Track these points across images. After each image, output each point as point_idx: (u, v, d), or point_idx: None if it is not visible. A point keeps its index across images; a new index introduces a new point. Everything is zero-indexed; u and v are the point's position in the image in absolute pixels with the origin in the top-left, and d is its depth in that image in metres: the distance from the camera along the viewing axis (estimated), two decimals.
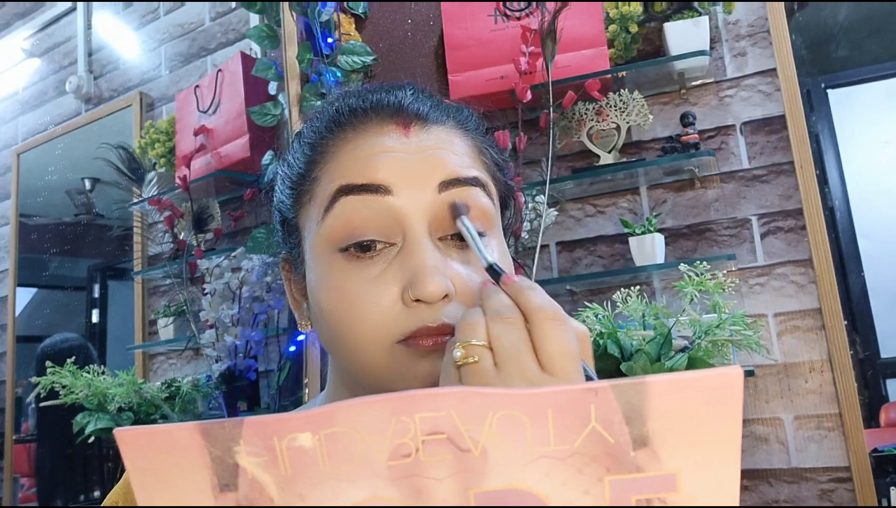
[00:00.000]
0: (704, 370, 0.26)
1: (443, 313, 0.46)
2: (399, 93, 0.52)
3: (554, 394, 0.26)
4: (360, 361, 0.48)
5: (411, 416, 0.27)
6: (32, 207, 2.88)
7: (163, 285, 2.34)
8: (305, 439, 0.27)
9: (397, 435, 0.27)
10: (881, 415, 1.81)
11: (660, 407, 0.26)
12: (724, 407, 0.26)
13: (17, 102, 3.01)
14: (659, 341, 1.17)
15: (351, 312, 0.47)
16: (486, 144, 0.55)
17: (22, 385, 2.73)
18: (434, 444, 0.27)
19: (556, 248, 1.75)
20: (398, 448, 0.27)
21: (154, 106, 2.49)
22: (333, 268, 0.48)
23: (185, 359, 2.25)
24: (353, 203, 0.47)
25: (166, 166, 2.21)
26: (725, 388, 0.26)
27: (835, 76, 1.98)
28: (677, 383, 0.26)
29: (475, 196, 0.49)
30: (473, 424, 0.27)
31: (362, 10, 1.87)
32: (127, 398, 1.76)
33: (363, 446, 0.27)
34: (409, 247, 0.47)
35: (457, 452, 0.27)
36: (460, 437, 0.27)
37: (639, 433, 0.26)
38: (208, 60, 2.37)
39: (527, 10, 1.67)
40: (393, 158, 0.48)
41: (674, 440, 0.26)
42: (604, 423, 0.26)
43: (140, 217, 2.31)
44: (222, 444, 0.27)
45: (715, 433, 0.26)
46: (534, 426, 0.27)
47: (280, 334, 1.84)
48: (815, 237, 1.50)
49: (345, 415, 0.27)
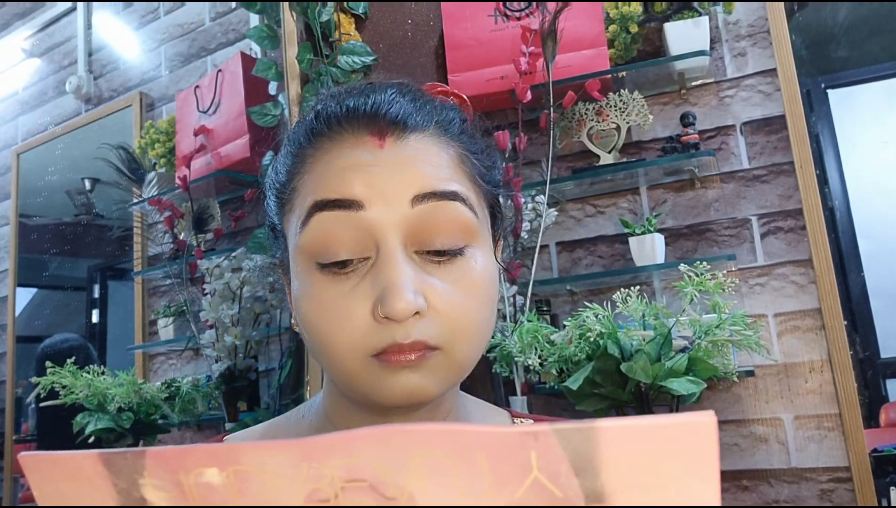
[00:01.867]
0: (668, 416, 0.22)
1: (415, 329, 0.45)
2: (378, 97, 0.51)
3: (484, 435, 0.23)
4: (339, 371, 0.48)
5: (324, 462, 0.24)
6: (32, 207, 2.88)
7: (163, 286, 2.34)
8: (213, 475, 0.25)
9: (310, 481, 0.24)
10: (881, 415, 1.81)
11: (614, 458, 0.22)
12: (695, 462, 0.22)
13: (17, 102, 3.01)
14: (659, 341, 1.17)
15: (326, 325, 0.47)
16: (470, 150, 0.53)
17: (22, 385, 2.72)
18: (354, 492, 0.24)
19: (556, 248, 1.75)
20: (313, 493, 0.24)
21: (154, 106, 2.49)
22: (311, 280, 0.48)
23: (185, 359, 2.25)
24: (327, 219, 0.47)
25: (166, 166, 2.21)
26: (695, 439, 0.22)
27: (835, 76, 1.98)
28: (633, 430, 0.22)
29: (451, 210, 0.48)
30: (396, 469, 0.24)
31: (362, 10, 1.87)
32: (127, 399, 1.76)
33: (275, 487, 0.24)
34: (381, 262, 0.46)
35: (381, 500, 0.24)
36: (383, 484, 0.24)
37: (592, 488, 0.23)
38: (208, 60, 2.37)
39: (527, 10, 1.67)
40: (366, 173, 0.48)
41: (634, 498, 0.23)
42: (548, 473, 0.23)
43: (140, 217, 2.31)
44: (126, 476, 0.26)
45: (684, 492, 0.22)
46: (465, 471, 0.23)
47: (282, 332, 1.84)
48: (815, 237, 1.50)
49: (251, 455, 0.24)
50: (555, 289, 1.68)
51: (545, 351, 1.30)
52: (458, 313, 0.47)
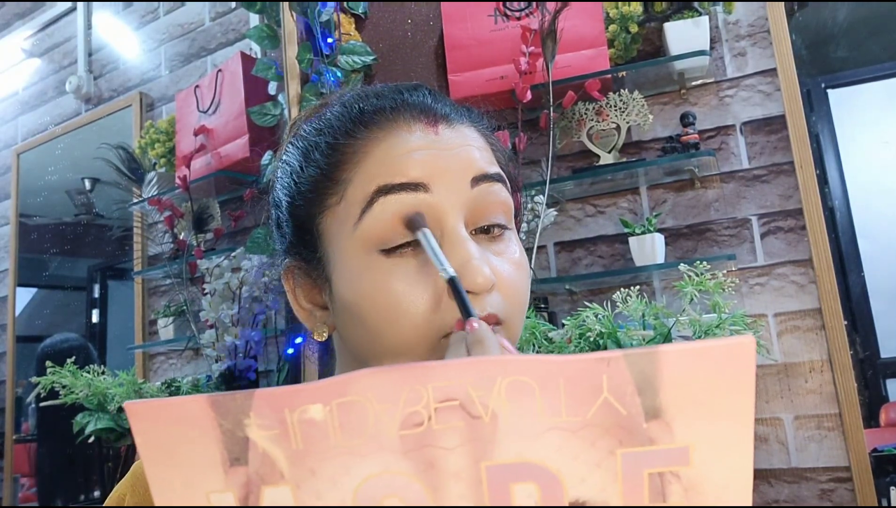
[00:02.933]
0: (717, 339, 0.25)
1: (487, 303, 0.47)
2: (419, 93, 0.53)
3: (565, 363, 0.26)
4: (406, 360, 0.47)
5: (424, 385, 0.26)
6: (32, 207, 2.88)
7: (163, 285, 2.34)
8: (317, 411, 0.26)
9: (409, 403, 0.26)
10: (881, 415, 1.81)
11: (672, 377, 0.26)
12: (737, 377, 0.25)
13: (17, 102, 3.01)
14: (659, 341, 1.17)
15: (395, 310, 0.47)
16: (496, 143, 0.56)
17: (22, 385, 2.73)
18: (446, 411, 0.26)
19: (554, 248, 1.75)
20: (410, 417, 0.27)
21: (154, 106, 2.49)
22: (372, 268, 0.48)
23: (185, 359, 2.25)
24: (392, 203, 0.48)
25: (166, 166, 2.21)
26: (738, 357, 0.25)
27: (835, 76, 1.98)
28: (689, 352, 0.25)
29: (499, 191, 0.51)
30: (484, 390, 0.26)
31: (362, 10, 1.87)
32: (127, 398, 1.76)
33: (374, 416, 0.27)
34: (450, 241, 0.47)
35: (468, 419, 0.26)
36: (471, 403, 0.26)
37: (651, 405, 0.26)
38: (208, 60, 2.37)
39: (527, 10, 1.67)
40: (427, 156, 0.49)
41: (686, 412, 0.26)
42: (616, 394, 0.26)
43: (140, 217, 2.31)
44: (233, 417, 0.27)
45: (728, 404, 0.26)
46: (544, 395, 0.26)
47: (279, 335, 1.84)
48: (815, 237, 1.50)
49: (358, 384, 0.26)
50: (553, 288, 1.68)
51: (543, 349, 1.30)
52: (516, 287, 0.49)
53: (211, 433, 0.27)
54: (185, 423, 0.27)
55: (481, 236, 0.50)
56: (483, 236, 0.50)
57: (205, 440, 0.27)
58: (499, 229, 0.51)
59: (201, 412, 0.27)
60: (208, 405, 0.27)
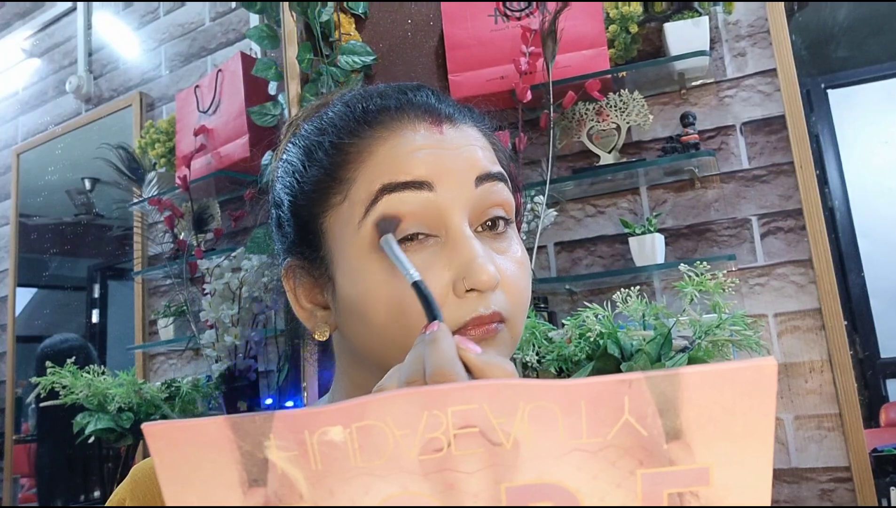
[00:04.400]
0: (739, 361, 0.26)
1: (492, 301, 0.47)
2: (422, 93, 0.54)
3: (587, 385, 0.26)
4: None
5: (443, 410, 0.26)
6: (32, 207, 2.88)
7: (163, 286, 2.34)
8: (336, 433, 0.27)
9: (429, 429, 0.27)
10: (881, 415, 1.81)
11: (693, 399, 0.26)
12: (758, 400, 0.25)
13: (17, 102, 3.01)
14: (659, 341, 1.17)
15: (399, 308, 0.47)
16: (498, 143, 0.57)
17: (22, 385, 2.73)
18: (466, 438, 0.27)
19: (554, 248, 1.75)
20: (430, 443, 0.27)
21: (154, 106, 2.49)
22: (376, 266, 0.48)
23: (185, 359, 2.25)
24: (396, 201, 0.48)
25: (166, 166, 2.21)
26: (759, 380, 0.25)
27: (835, 76, 1.98)
28: (711, 374, 0.26)
29: (501, 190, 0.51)
30: (505, 416, 0.26)
31: (362, 10, 1.87)
32: (127, 399, 1.76)
33: (394, 440, 0.27)
34: (455, 240, 0.48)
35: (488, 445, 0.27)
36: (492, 430, 0.27)
37: (672, 426, 0.26)
38: (208, 60, 2.37)
39: (527, 10, 1.67)
40: (432, 155, 0.49)
41: (707, 433, 0.26)
42: (637, 415, 0.26)
43: (140, 217, 2.31)
44: (252, 438, 0.27)
45: (748, 426, 0.26)
46: (566, 418, 0.26)
47: (278, 335, 1.84)
48: (815, 237, 1.50)
49: (376, 408, 0.27)
50: (553, 288, 1.68)
51: (543, 348, 1.30)
52: (519, 285, 0.50)
53: (229, 455, 0.27)
54: (203, 444, 0.27)
55: (484, 233, 0.51)
56: (486, 233, 0.51)
57: (223, 461, 0.27)
58: (503, 224, 0.51)
59: (220, 433, 0.27)
60: (227, 427, 0.27)
